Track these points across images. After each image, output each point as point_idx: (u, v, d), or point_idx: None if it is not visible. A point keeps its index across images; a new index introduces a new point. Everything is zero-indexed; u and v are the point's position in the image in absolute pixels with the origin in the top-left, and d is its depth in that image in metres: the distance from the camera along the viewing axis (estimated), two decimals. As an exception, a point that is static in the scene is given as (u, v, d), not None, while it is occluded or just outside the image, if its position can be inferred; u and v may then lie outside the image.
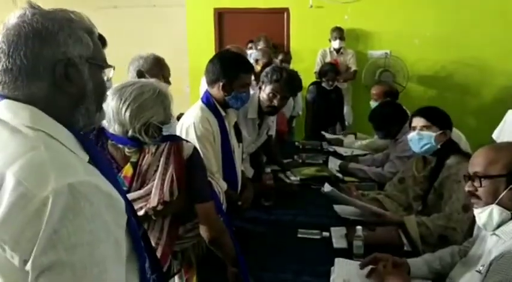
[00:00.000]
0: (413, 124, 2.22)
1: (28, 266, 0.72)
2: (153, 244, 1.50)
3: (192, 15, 6.03)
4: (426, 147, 2.16)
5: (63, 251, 0.72)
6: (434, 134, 2.13)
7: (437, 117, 2.19)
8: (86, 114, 0.90)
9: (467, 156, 2.10)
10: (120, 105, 1.39)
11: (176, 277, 1.82)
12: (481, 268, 1.39)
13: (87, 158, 0.87)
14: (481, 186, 1.40)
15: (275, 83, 2.44)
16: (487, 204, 1.39)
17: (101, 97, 0.94)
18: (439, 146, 2.15)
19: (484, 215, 1.40)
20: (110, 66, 0.96)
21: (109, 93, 1.43)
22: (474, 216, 1.91)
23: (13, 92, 0.83)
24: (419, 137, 2.16)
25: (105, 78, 0.96)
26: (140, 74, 2.33)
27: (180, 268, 1.77)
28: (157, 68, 2.35)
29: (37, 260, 0.72)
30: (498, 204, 1.37)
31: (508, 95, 5.39)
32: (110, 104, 1.41)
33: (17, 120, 0.82)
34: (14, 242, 0.72)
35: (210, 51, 5.26)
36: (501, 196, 1.36)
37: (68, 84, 0.86)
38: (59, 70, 0.84)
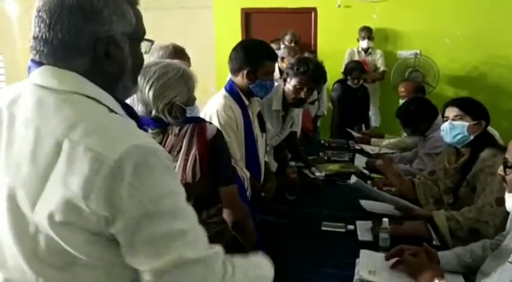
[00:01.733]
0: (446, 114, 2.15)
1: (118, 226, 0.74)
2: None
3: (220, 16, 6.06)
4: (459, 137, 2.08)
5: (150, 203, 0.75)
6: (467, 124, 2.05)
7: (470, 107, 2.11)
8: (123, 88, 0.90)
9: (503, 150, 2.02)
10: (144, 84, 1.39)
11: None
12: (514, 259, 1.32)
13: (134, 123, 0.86)
14: (506, 174, 1.39)
15: (302, 75, 2.40)
16: (511, 192, 1.38)
17: (138, 70, 0.93)
18: (472, 137, 2.07)
19: (510, 200, 1.40)
20: (150, 40, 0.94)
21: None
22: (507, 211, 1.85)
23: (53, 63, 0.82)
24: (452, 127, 2.09)
25: (143, 50, 0.94)
26: None
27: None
28: (177, 57, 2.31)
29: (127, 217, 0.74)
30: None
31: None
32: None
33: (64, 86, 0.80)
34: (97, 205, 0.73)
35: (237, 52, 5.25)
36: None
37: (108, 62, 0.84)
38: (100, 48, 0.82)
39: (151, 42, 0.95)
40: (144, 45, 0.93)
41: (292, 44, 4.65)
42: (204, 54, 5.28)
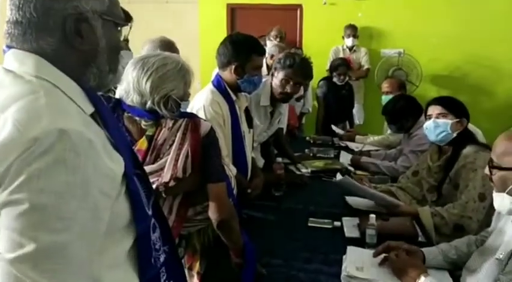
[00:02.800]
0: (429, 112, 2.18)
1: None
2: None
3: (205, 11, 6.01)
4: (442, 135, 2.11)
5: (28, 192, 0.69)
6: (450, 122, 2.09)
7: (453, 105, 2.15)
8: (98, 74, 0.87)
9: (484, 146, 2.05)
10: (142, 75, 1.36)
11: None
12: (500, 256, 1.34)
13: (91, 110, 0.84)
14: (491, 174, 1.41)
15: (288, 69, 2.39)
16: (499, 191, 1.40)
17: (114, 56, 0.90)
18: (455, 135, 2.10)
19: (498, 199, 1.41)
20: (126, 24, 0.92)
21: (131, 62, 1.41)
22: (490, 205, 1.89)
23: (22, 44, 0.81)
24: (435, 125, 2.12)
25: (122, 37, 0.92)
26: None
27: (184, 255, 1.73)
28: (166, 51, 2.28)
29: (5, 193, 0.69)
30: (508, 193, 1.37)
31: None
32: (131, 74, 1.38)
33: (22, 68, 0.80)
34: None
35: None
36: (510, 188, 1.36)
37: (79, 40, 0.82)
38: (69, 25, 0.81)
39: (127, 25, 0.93)
40: (124, 32, 0.92)
41: (278, 40, 4.64)
42: (188, 49, 5.22)
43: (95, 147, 0.76)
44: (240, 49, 2.00)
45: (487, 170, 1.44)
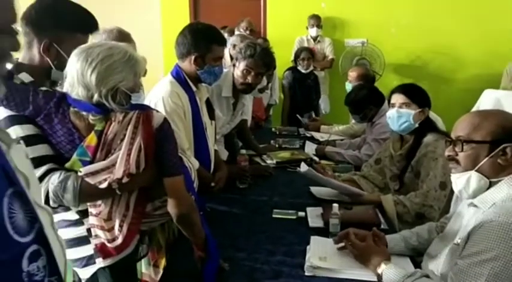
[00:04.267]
0: (392, 101, 2.18)
1: None
2: (118, 222, 1.40)
3: (167, 1, 5.87)
4: (405, 125, 2.13)
5: None
6: (413, 112, 2.10)
7: (417, 95, 2.16)
8: None
9: (444, 134, 2.08)
10: (86, 67, 1.27)
11: (143, 261, 1.73)
12: (458, 241, 1.35)
13: None
14: (462, 150, 1.35)
15: (249, 59, 2.35)
16: (466, 170, 1.36)
17: None
18: (417, 125, 2.12)
19: (462, 180, 1.36)
20: None
21: (74, 54, 1.31)
22: (450, 194, 1.91)
23: None
24: (399, 115, 2.13)
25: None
26: None
27: (147, 251, 1.68)
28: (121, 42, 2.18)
29: None
30: (477, 171, 1.33)
31: (479, 84, 5.45)
32: (75, 66, 1.29)
33: None
34: None
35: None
36: (481, 163, 1.32)
37: None
38: None
39: None
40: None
41: (247, 32, 4.60)
42: (150, 40, 5.11)
43: None
44: (200, 39, 1.94)
45: (449, 151, 1.40)
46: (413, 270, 1.40)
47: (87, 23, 1.48)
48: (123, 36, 2.15)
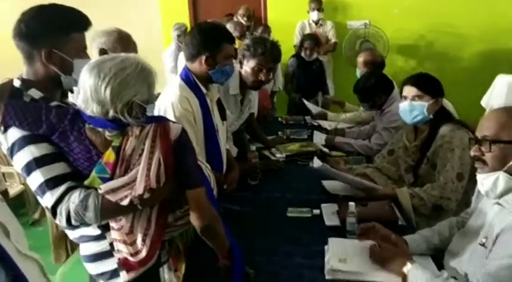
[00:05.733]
0: (404, 93, 2.13)
1: None
2: (141, 236, 1.38)
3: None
4: (419, 118, 2.08)
5: None
6: (426, 104, 2.05)
7: (429, 86, 2.09)
8: None
9: (460, 124, 2.05)
10: (99, 83, 1.24)
11: (165, 267, 1.72)
12: (483, 241, 1.33)
13: None
14: (489, 151, 1.30)
15: (261, 56, 2.28)
16: (494, 170, 1.31)
17: None
18: (431, 116, 2.07)
19: (489, 181, 1.32)
20: None
21: (85, 70, 1.27)
22: (468, 183, 1.88)
23: None
24: (411, 108, 2.08)
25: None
26: (103, 53, 2.00)
27: (168, 257, 1.67)
28: (122, 45, 2.07)
29: None
30: (506, 171, 1.29)
31: (484, 61, 5.38)
32: (88, 82, 1.25)
33: None
34: None
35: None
36: (510, 164, 1.28)
37: None
38: None
39: None
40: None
41: (245, 19, 4.52)
42: (151, 40, 5.05)
43: None
44: (210, 38, 1.90)
45: (474, 151, 1.35)
46: (440, 272, 1.38)
47: (78, 21, 1.43)
48: (123, 38, 2.08)
